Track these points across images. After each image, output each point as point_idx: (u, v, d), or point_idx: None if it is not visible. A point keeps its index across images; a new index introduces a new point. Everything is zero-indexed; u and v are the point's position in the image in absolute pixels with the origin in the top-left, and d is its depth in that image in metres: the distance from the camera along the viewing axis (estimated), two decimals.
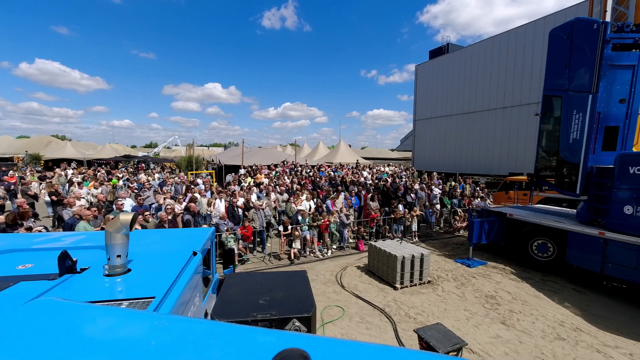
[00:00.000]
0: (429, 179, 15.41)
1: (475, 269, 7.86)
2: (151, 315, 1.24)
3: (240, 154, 21.52)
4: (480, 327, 5.34)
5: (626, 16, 6.94)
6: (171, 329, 1.05)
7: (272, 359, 0.76)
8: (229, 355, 0.89)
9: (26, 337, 1.01)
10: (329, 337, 0.95)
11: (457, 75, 29.97)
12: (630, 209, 6.00)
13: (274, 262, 8.13)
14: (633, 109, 6.68)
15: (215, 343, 0.95)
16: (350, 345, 0.91)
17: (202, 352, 0.90)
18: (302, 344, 0.84)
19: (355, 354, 0.86)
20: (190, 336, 1.00)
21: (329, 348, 0.89)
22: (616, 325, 5.41)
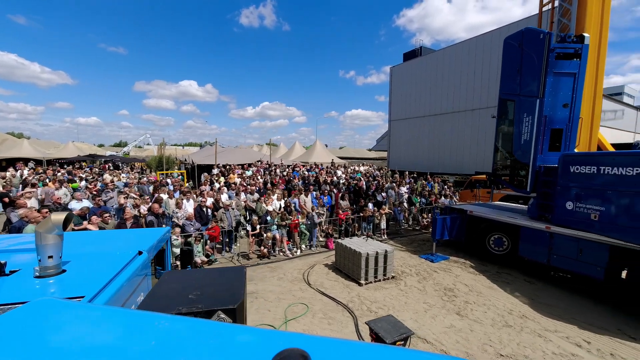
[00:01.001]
0: (400, 178, 15.88)
1: (437, 264, 8.23)
2: (151, 315, 1.21)
3: (214, 153, 21.14)
4: (436, 318, 5.62)
5: (569, 28, 7.53)
6: (171, 329, 1.05)
7: (272, 359, 0.76)
8: (229, 355, 0.89)
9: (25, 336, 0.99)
10: (329, 337, 0.95)
11: (430, 78, 31.03)
12: (571, 204, 6.54)
13: (242, 262, 8.10)
14: (575, 113, 7.28)
15: (215, 343, 0.95)
16: (350, 345, 0.92)
17: (202, 352, 0.90)
18: (302, 344, 0.84)
19: (355, 354, 0.87)
20: (190, 336, 1.00)
21: (329, 348, 0.89)
22: (558, 312, 5.88)
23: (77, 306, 1.30)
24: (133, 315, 1.27)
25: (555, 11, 7.88)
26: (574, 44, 7.01)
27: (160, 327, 1.07)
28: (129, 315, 1.25)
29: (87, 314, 1.22)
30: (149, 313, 1.27)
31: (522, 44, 7.56)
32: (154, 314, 1.24)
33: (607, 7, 7.48)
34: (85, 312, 1.24)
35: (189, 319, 1.27)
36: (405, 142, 33.79)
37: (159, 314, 1.23)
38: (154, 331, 1.05)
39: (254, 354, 0.88)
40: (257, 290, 6.58)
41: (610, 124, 31.47)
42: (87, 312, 1.24)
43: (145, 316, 1.24)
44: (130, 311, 1.36)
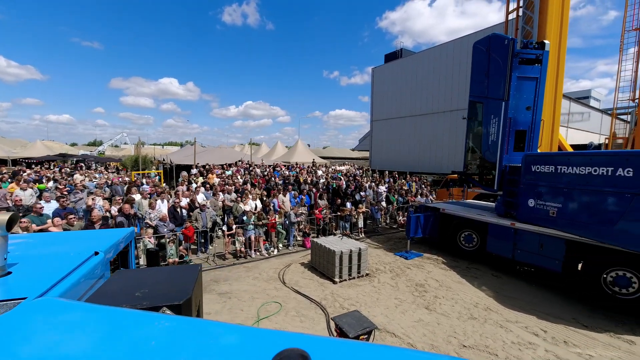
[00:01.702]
0: (380, 178, 16.17)
1: (411, 261, 8.47)
2: (151, 315, 1.22)
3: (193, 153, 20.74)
4: (406, 312, 5.80)
5: (532, 34, 7.95)
6: (171, 328, 1.05)
7: (272, 359, 0.76)
8: (229, 355, 0.89)
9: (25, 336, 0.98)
10: (329, 337, 0.96)
11: (410, 79, 31.69)
12: (532, 202, 6.91)
13: (217, 262, 8.03)
14: (537, 116, 7.68)
15: (215, 343, 0.95)
16: (350, 345, 0.92)
17: (202, 352, 0.90)
18: (302, 344, 0.84)
19: (355, 354, 0.87)
20: (190, 336, 1.00)
21: (329, 348, 0.89)
22: (520, 304, 6.20)
23: (77, 306, 1.29)
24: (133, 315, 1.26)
25: (520, 19, 8.29)
26: (535, 50, 7.41)
27: (160, 327, 1.07)
28: (129, 315, 1.25)
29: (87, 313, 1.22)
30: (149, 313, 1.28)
31: (489, 49, 7.90)
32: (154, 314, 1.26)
33: (565, 16, 7.95)
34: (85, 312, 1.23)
35: (189, 319, 1.30)
36: (386, 142, 34.35)
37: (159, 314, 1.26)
38: (154, 331, 1.05)
39: (254, 354, 0.88)
40: (231, 291, 6.55)
41: (578, 126, 33.21)
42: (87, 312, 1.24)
43: (146, 316, 1.24)
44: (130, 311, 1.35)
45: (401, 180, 15.51)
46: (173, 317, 1.18)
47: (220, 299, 6.18)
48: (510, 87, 7.42)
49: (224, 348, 0.94)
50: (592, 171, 5.60)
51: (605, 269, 5.85)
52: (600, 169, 5.46)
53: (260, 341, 0.96)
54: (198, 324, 1.16)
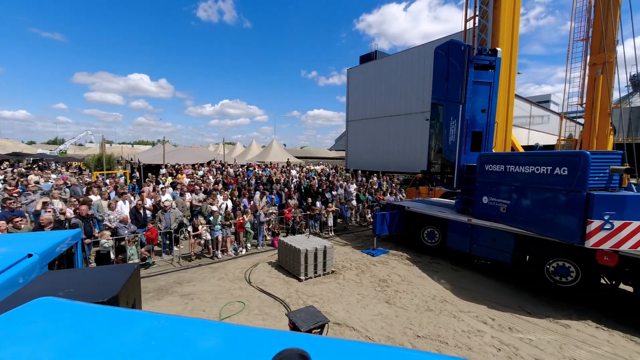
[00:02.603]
0: (352, 177, 16.45)
1: (377, 258, 8.72)
2: (151, 315, 1.22)
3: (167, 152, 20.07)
4: (367, 307, 5.99)
5: (486, 42, 8.44)
6: (171, 328, 1.05)
7: (272, 359, 0.77)
8: (230, 354, 0.89)
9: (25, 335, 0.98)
10: (329, 337, 0.97)
11: (384, 81, 32.39)
12: (486, 199, 7.35)
13: (183, 264, 7.88)
14: (491, 118, 8.17)
15: (216, 342, 0.95)
16: (350, 345, 0.93)
17: (202, 352, 0.90)
18: (302, 344, 0.85)
19: (355, 354, 0.88)
20: (190, 336, 1.00)
21: (329, 348, 0.90)
22: (474, 295, 6.59)
23: (77, 306, 1.28)
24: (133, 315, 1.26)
25: (476, 27, 8.78)
26: (489, 57, 7.88)
27: (160, 327, 1.08)
28: (129, 315, 1.24)
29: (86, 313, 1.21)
30: (149, 313, 1.28)
31: (448, 54, 8.30)
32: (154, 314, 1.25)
33: (516, 26, 8.53)
34: (85, 311, 1.23)
35: (189, 319, 1.28)
36: (362, 142, 34.91)
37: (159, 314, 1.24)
38: (154, 331, 1.06)
39: (255, 354, 0.89)
40: (194, 292, 6.46)
41: (538, 128, 35.40)
42: (87, 311, 1.23)
43: (146, 316, 1.24)
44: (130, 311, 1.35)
45: (372, 180, 15.87)
46: (173, 317, 1.19)
47: (182, 301, 6.08)
48: (466, 91, 7.85)
49: (224, 348, 0.95)
50: (535, 170, 6.06)
51: (548, 260, 6.35)
52: (541, 168, 5.93)
53: (260, 341, 0.98)
54: (198, 324, 1.18)
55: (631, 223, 4.98)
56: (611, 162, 5.33)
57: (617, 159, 5.36)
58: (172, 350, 0.94)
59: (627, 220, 4.98)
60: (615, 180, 5.36)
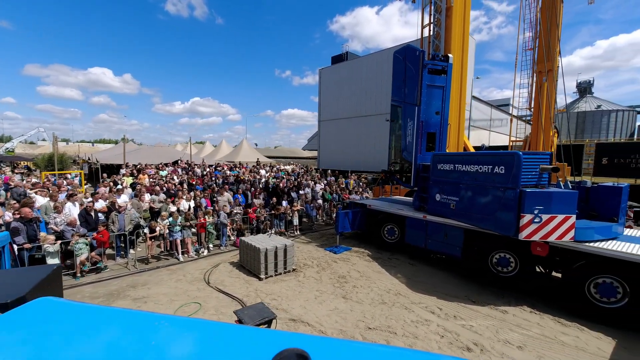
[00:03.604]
0: (321, 176, 16.65)
1: (339, 255, 8.94)
2: (151, 315, 1.19)
3: (129, 151, 19.18)
4: (324, 303, 6.15)
5: (440, 48, 8.94)
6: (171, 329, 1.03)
7: (272, 359, 0.76)
8: (229, 355, 0.88)
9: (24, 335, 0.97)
10: (329, 337, 0.96)
11: (355, 81, 32.96)
12: (438, 196, 7.79)
13: (139, 267, 7.61)
14: (444, 119, 8.67)
15: (215, 343, 0.94)
16: (350, 345, 0.92)
17: (202, 353, 0.89)
18: (302, 344, 0.84)
19: (355, 354, 0.87)
20: (190, 336, 0.99)
21: (329, 348, 0.89)
22: (426, 287, 6.96)
23: (77, 306, 1.26)
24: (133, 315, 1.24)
25: (431, 33, 9.26)
26: (441, 62, 8.36)
27: (160, 327, 1.06)
28: (129, 315, 1.22)
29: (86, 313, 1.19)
30: (149, 313, 1.26)
31: (405, 58, 8.69)
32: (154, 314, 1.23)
33: (466, 35, 9.11)
34: (85, 311, 1.21)
35: (189, 319, 1.27)
36: (334, 142, 35.29)
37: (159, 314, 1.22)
38: (154, 331, 1.04)
39: (254, 354, 0.89)
40: (148, 295, 6.28)
41: (499, 130, 37.67)
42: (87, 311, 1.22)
43: (146, 316, 1.22)
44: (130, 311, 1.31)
45: (340, 179, 16.16)
46: (173, 317, 1.17)
47: (134, 304, 5.90)
48: (421, 94, 8.27)
49: (224, 348, 0.95)
50: (478, 169, 6.54)
51: (491, 252, 6.86)
52: (483, 167, 6.41)
53: (260, 341, 0.98)
54: (199, 324, 1.17)
55: (557, 216, 5.53)
56: (541, 162, 5.89)
57: (546, 159, 5.93)
58: (172, 350, 0.94)
59: (553, 214, 5.52)
60: (545, 178, 5.93)
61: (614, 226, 5.91)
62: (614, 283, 5.37)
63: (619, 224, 5.99)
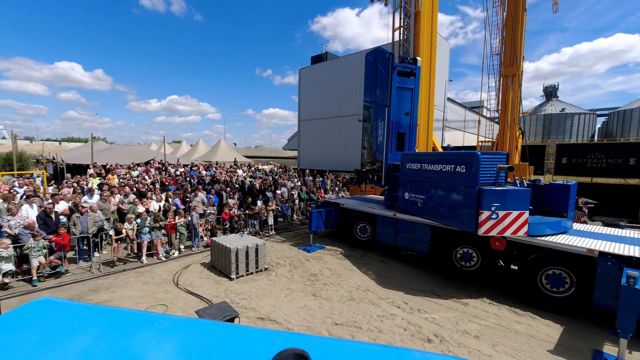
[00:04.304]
0: (298, 176, 16.68)
1: (312, 254, 9.02)
2: (151, 315, 1.20)
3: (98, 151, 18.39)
4: (293, 301, 6.21)
5: (409, 51, 9.22)
6: (171, 329, 1.04)
7: (272, 359, 0.76)
8: (230, 354, 0.89)
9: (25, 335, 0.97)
10: (329, 337, 0.95)
11: (334, 82, 33.17)
12: (407, 195, 8.04)
13: (103, 270, 7.35)
14: (414, 120, 8.96)
15: (215, 343, 0.94)
16: (350, 345, 0.93)
17: (201, 353, 0.89)
18: (302, 344, 0.84)
19: (354, 354, 0.88)
20: (189, 336, 0.99)
21: (329, 348, 0.89)
22: (394, 283, 7.17)
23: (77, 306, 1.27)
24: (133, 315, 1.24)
25: (401, 37, 9.55)
26: (410, 65, 8.63)
27: (160, 327, 1.06)
28: (129, 315, 1.23)
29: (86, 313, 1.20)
30: (149, 313, 1.26)
31: (376, 60, 8.90)
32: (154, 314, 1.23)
33: (434, 40, 9.45)
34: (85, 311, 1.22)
35: (189, 319, 1.26)
36: (313, 141, 35.36)
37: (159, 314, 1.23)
38: (154, 331, 1.04)
39: (255, 354, 0.89)
40: (112, 299, 6.08)
41: (473, 131, 39.16)
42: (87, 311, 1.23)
43: (146, 316, 1.23)
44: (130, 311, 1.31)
45: (317, 179, 16.28)
46: (173, 317, 1.18)
47: None
48: (391, 95, 8.50)
49: (225, 348, 0.95)
50: (443, 168, 6.82)
51: (456, 247, 7.17)
52: (447, 167, 6.70)
53: (260, 341, 0.98)
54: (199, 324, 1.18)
55: (512, 213, 5.88)
56: (498, 162, 6.25)
57: (502, 159, 6.29)
58: (172, 350, 0.94)
59: (508, 211, 5.87)
60: (502, 176, 6.28)
61: (563, 221, 6.35)
62: (562, 274, 5.77)
63: (568, 219, 6.44)
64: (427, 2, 8.93)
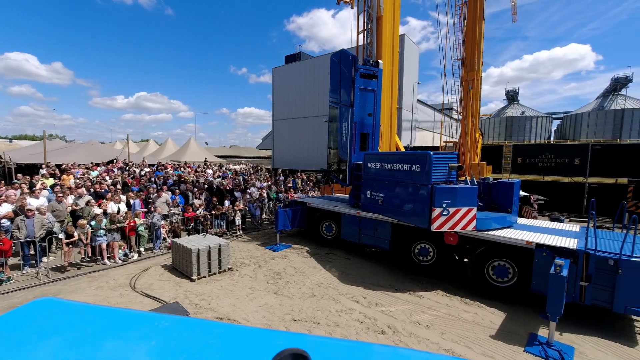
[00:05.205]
0: (270, 176, 16.61)
1: (279, 253, 9.06)
2: (151, 315, 1.19)
3: (54, 149, 17.24)
4: (254, 300, 6.23)
5: (372, 54, 9.51)
6: (171, 329, 1.03)
7: (272, 359, 0.76)
8: (230, 354, 0.90)
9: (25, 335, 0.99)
10: (329, 337, 0.92)
11: (308, 81, 33.33)
12: (369, 193, 8.30)
13: (53, 276, 6.95)
14: (376, 121, 9.25)
15: (215, 343, 0.95)
16: (349, 345, 0.92)
17: (202, 353, 0.90)
18: (302, 344, 0.85)
19: (355, 354, 0.88)
20: (189, 336, 0.99)
21: (328, 348, 0.89)
22: (356, 279, 7.37)
23: (77, 306, 1.26)
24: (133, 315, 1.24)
25: (365, 40, 9.83)
26: (372, 67, 8.91)
27: (160, 327, 1.06)
28: (129, 316, 1.22)
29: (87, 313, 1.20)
30: (149, 313, 1.28)
31: (340, 62, 9.09)
32: (154, 314, 1.24)
33: (396, 44, 9.81)
34: (85, 311, 1.22)
35: (189, 319, 1.25)
36: (287, 141, 35.31)
37: (159, 314, 1.22)
38: (154, 331, 1.04)
39: (255, 354, 0.89)
40: None
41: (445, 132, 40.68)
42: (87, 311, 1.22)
43: (146, 316, 1.24)
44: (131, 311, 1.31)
45: (289, 178, 16.30)
46: (173, 317, 1.17)
47: None
48: (354, 96, 8.73)
49: (225, 348, 0.94)
50: (400, 167, 7.13)
51: (413, 243, 7.51)
52: (404, 166, 7.00)
53: (260, 341, 0.97)
54: (199, 324, 1.17)
55: (461, 209, 6.27)
56: (450, 161, 6.63)
57: (454, 158, 6.69)
58: (172, 350, 0.94)
59: (458, 207, 6.25)
60: (453, 175, 6.68)
61: (508, 216, 6.85)
62: (506, 265, 6.24)
63: (512, 214, 6.96)
64: (388, 7, 9.27)
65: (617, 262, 4.99)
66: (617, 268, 4.99)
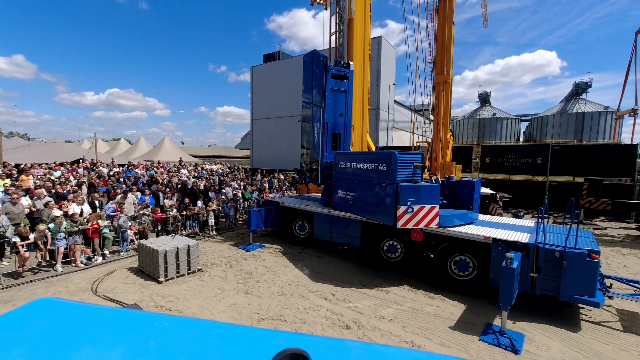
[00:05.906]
0: (246, 176, 16.44)
1: (251, 252, 9.02)
2: (151, 315, 1.19)
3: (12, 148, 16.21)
4: (223, 300, 6.19)
5: (344, 56, 9.67)
6: (171, 328, 1.04)
7: (272, 359, 0.77)
8: (230, 354, 0.89)
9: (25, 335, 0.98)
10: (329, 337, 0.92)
11: (286, 81, 33.19)
12: (340, 192, 8.44)
13: (4, 282, 6.57)
14: (348, 121, 9.41)
15: (215, 343, 0.95)
16: (350, 345, 0.93)
17: (202, 352, 0.90)
18: (302, 344, 0.84)
19: (354, 354, 0.88)
20: (189, 336, 0.99)
21: (328, 348, 0.90)
22: (326, 277, 7.47)
23: (78, 306, 1.26)
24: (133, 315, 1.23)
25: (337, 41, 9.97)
26: (343, 69, 9.06)
27: (160, 327, 1.06)
28: (129, 315, 1.22)
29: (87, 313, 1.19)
30: (148, 313, 1.27)
31: (312, 62, 9.17)
32: (154, 314, 1.22)
33: (367, 46, 10.03)
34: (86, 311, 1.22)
35: (189, 319, 1.26)
36: (266, 140, 35.05)
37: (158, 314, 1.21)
38: (154, 331, 1.03)
39: (255, 354, 0.89)
40: None
41: (420, 132, 41.75)
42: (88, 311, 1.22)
43: (145, 316, 1.22)
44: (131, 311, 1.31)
45: (265, 178, 16.21)
46: (173, 317, 1.15)
47: None
48: (326, 97, 8.83)
49: (225, 348, 0.94)
50: (368, 167, 7.31)
51: (382, 240, 7.72)
52: (371, 165, 7.19)
53: (260, 341, 0.97)
54: (199, 324, 1.16)
55: (425, 207, 6.53)
56: (414, 160, 6.89)
57: (418, 158, 6.95)
58: (171, 350, 0.93)
59: (422, 205, 6.50)
60: (418, 174, 6.93)
61: (469, 213, 7.20)
62: (466, 259, 6.56)
63: (473, 211, 7.32)
64: (359, 10, 9.46)
65: (563, 254, 5.38)
66: (562, 259, 5.38)
